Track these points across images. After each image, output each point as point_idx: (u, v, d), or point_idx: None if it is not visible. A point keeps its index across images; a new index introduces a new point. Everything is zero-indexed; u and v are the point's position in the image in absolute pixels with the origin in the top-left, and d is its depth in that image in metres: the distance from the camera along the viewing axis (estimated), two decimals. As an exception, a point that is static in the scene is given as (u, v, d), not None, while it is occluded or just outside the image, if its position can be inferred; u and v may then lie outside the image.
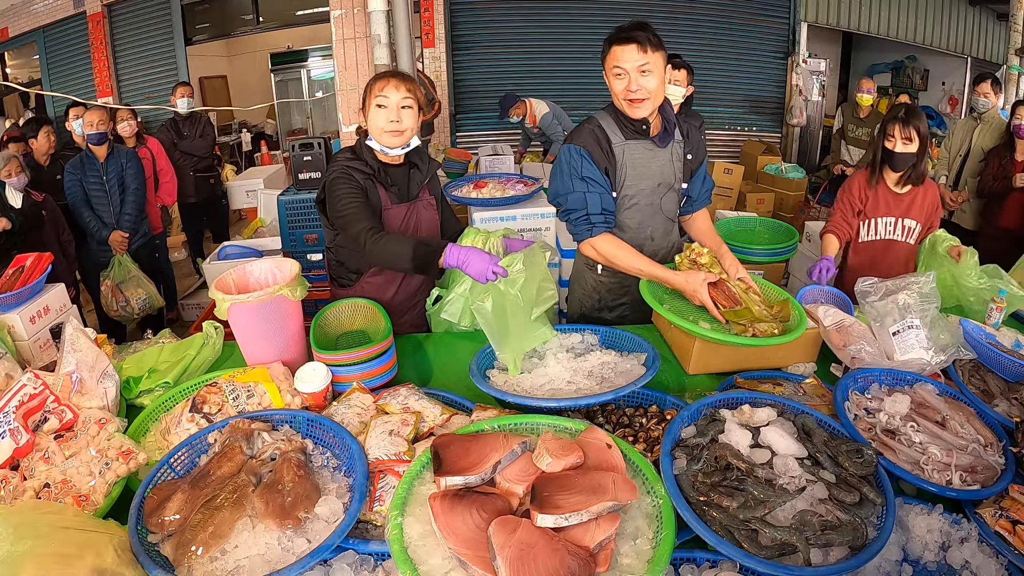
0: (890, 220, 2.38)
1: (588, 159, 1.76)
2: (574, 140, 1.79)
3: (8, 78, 7.49)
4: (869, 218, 2.40)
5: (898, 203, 2.36)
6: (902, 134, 2.22)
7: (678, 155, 1.86)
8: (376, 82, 1.70)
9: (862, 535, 0.99)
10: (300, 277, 1.58)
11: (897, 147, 2.24)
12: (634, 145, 1.79)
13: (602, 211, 1.78)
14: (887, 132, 2.26)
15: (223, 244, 3.83)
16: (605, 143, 1.77)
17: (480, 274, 1.47)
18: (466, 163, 4.65)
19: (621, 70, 1.67)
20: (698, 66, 6.24)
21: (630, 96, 1.69)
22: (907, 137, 2.22)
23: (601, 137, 1.78)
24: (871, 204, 2.40)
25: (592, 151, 1.76)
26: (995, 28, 6.83)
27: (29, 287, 1.75)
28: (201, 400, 1.35)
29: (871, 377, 1.44)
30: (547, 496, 0.98)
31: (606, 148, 1.77)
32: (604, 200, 1.78)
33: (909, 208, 2.36)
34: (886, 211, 2.38)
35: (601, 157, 1.77)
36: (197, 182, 4.85)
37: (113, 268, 3.52)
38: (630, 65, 1.66)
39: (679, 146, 1.86)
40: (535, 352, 1.57)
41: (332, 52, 3.41)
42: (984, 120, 3.80)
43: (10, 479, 1.15)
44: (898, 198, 2.36)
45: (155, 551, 1.02)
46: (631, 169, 1.80)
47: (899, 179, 2.34)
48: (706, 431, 1.17)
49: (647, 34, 1.65)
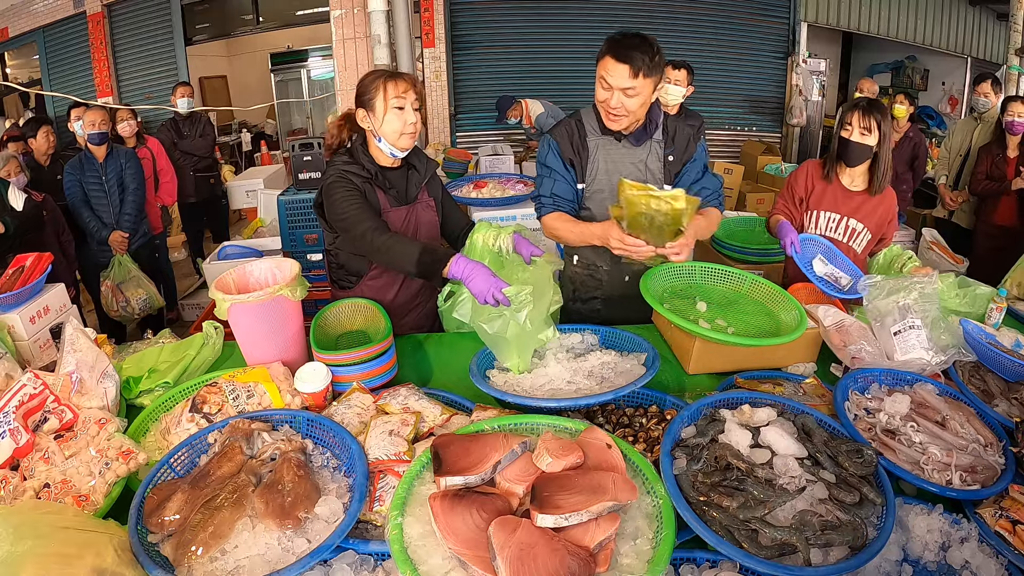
0: (834, 217, 2.17)
1: (554, 150, 1.87)
2: (552, 130, 1.91)
3: (8, 78, 7.49)
4: (811, 210, 2.21)
5: (847, 200, 2.16)
6: (861, 123, 2.06)
7: (657, 155, 1.87)
8: (389, 84, 1.67)
9: (862, 535, 0.99)
10: (300, 277, 1.58)
11: (854, 136, 2.07)
12: (608, 140, 1.85)
13: (551, 195, 1.88)
14: (845, 120, 2.10)
15: (223, 244, 3.83)
16: (579, 136, 1.85)
17: (480, 294, 1.45)
18: (466, 163, 4.65)
19: (608, 84, 1.68)
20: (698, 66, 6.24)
21: (609, 110, 1.74)
22: (866, 127, 2.05)
23: (576, 130, 1.86)
24: (816, 195, 2.20)
25: (560, 143, 1.87)
26: (995, 28, 6.82)
27: (29, 287, 1.75)
28: (201, 400, 1.35)
29: (871, 377, 1.44)
30: (547, 496, 0.98)
31: (577, 139, 1.85)
32: (556, 186, 1.88)
33: (858, 209, 2.15)
34: (831, 206, 2.17)
35: (568, 149, 1.86)
36: (197, 182, 4.85)
37: (113, 268, 3.53)
38: (617, 83, 1.66)
39: (659, 146, 1.86)
40: (535, 352, 1.57)
41: (332, 52, 3.42)
42: (984, 120, 3.81)
43: (10, 479, 1.15)
44: (848, 195, 2.16)
45: (155, 551, 1.02)
46: (603, 163, 1.86)
47: (855, 177, 2.16)
48: (706, 431, 1.17)
49: (645, 58, 1.63)
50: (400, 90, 1.66)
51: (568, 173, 1.88)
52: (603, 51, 1.70)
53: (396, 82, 1.67)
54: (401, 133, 1.68)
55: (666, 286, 1.77)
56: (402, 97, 1.66)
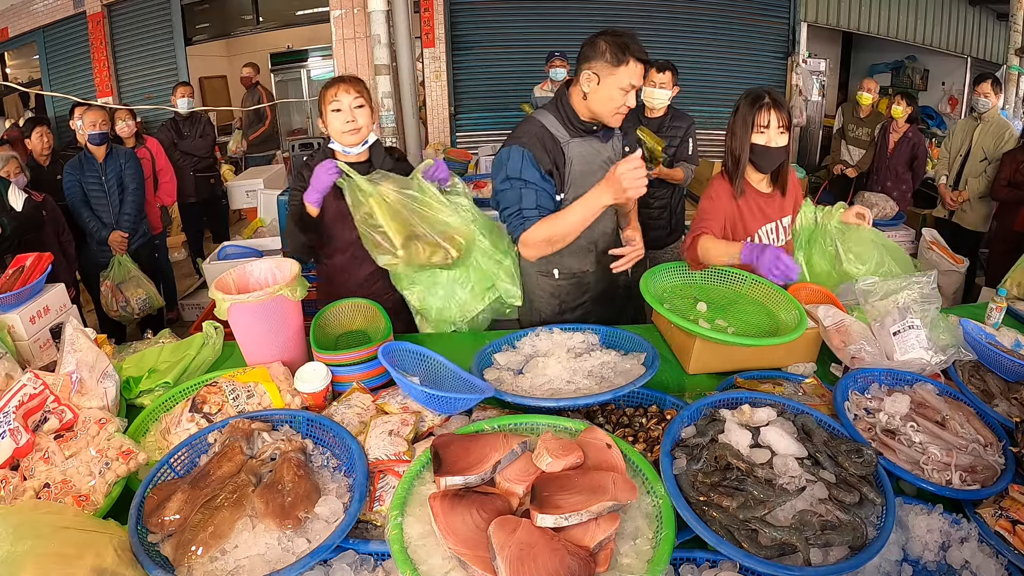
0: (770, 227, 1.91)
1: (531, 161, 1.72)
2: (517, 141, 1.75)
3: (8, 78, 7.48)
4: (751, 234, 1.88)
5: (770, 204, 1.89)
6: (779, 121, 1.74)
7: (618, 148, 1.89)
8: (327, 89, 1.83)
9: (862, 535, 0.99)
10: (300, 277, 1.58)
11: (773, 140, 1.74)
12: (579, 142, 1.79)
13: (536, 207, 1.72)
14: (756, 124, 1.74)
15: (223, 244, 3.83)
16: (551, 142, 1.76)
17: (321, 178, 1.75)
18: (466, 163, 4.65)
19: (631, 86, 1.67)
20: (698, 66, 6.22)
21: (624, 111, 1.73)
22: (783, 125, 1.75)
23: (546, 137, 1.76)
24: (746, 214, 1.86)
25: (536, 153, 1.73)
26: (995, 28, 6.82)
27: (29, 287, 1.75)
28: (201, 400, 1.35)
29: (871, 377, 1.44)
30: (547, 496, 0.98)
31: (552, 147, 1.75)
32: (540, 198, 1.73)
33: (782, 207, 1.92)
34: (763, 218, 1.89)
35: (545, 158, 1.74)
36: (197, 182, 4.85)
37: (113, 268, 3.52)
38: (638, 83, 1.68)
39: (619, 140, 1.90)
40: (535, 351, 1.58)
41: (332, 52, 3.41)
42: (984, 120, 3.81)
43: (10, 479, 1.15)
44: (768, 199, 1.88)
45: (155, 551, 1.02)
46: (578, 165, 1.79)
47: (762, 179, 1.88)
48: (706, 431, 1.17)
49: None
50: (333, 93, 1.81)
51: (547, 183, 1.76)
52: (621, 55, 1.63)
53: (334, 87, 1.82)
54: (341, 132, 1.83)
55: (666, 286, 1.77)
56: (336, 100, 1.81)
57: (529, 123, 1.79)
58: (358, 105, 1.83)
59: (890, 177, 4.36)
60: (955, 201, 3.89)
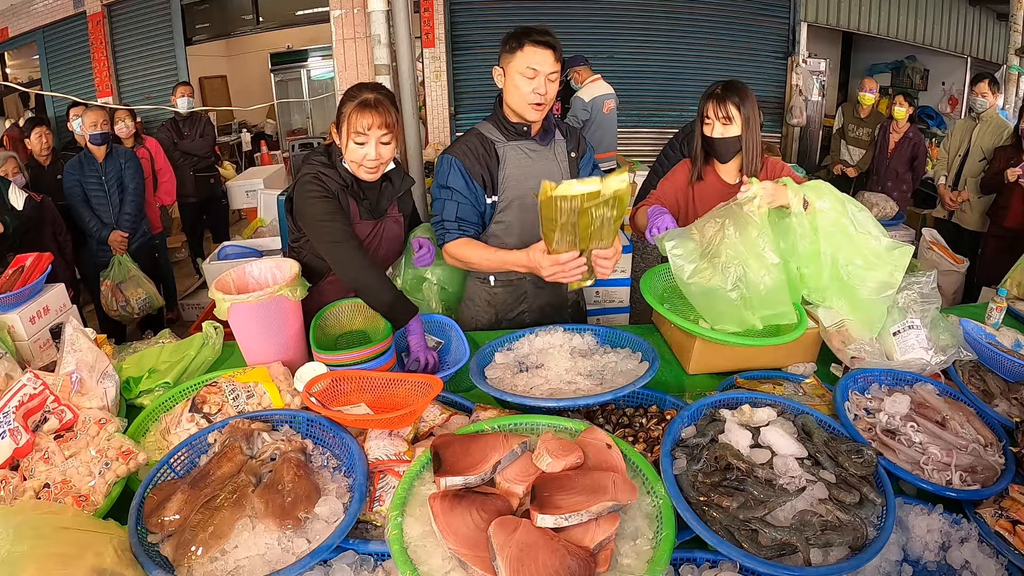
0: None
1: (458, 168, 1.74)
2: (449, 150, 1.80)
3: (8, 78, 7.48)
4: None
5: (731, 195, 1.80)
6: (718, 113, 1.83)
7: (562, 153, 1.87)
8: (356, 115, 1.58)
9: (862, 535, 0.99)
10: (300, 277, 1.58)
11: (716, 131, 1.85)
12: (515, 145, 1.79)
13: (456, 219, 1.76)
14: (703, 115, 1.88)
15: (223, 244, 3.83)
16: (484, 147, 1.76)
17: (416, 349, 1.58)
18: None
19: (534, 72, 1.66)
20: (698, 66, 6.21)
21: (536, 100, 1.69)
22: (726, 116, 1.83)
23: (479, 143, 1.77)
24: (698, 201, 1.95)
25: (464, 160, 1.75)
26: (995, 28, 6.83)
27: (29, 287, 1.75)
28: (201, 400, 1.35)
29: (871, 377, 1.44)
30: (547, 496, 0.98)
31: (482, 152, 1.76)
32: (461, 210, 1.76)
33: None
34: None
35: (475, 164, 1.75)
36: (197, 182, 4.85)
37: (113, 268, 3.53)
38: (544, 68, 1.66)
39: (561, 145, 1.87)
40: (535, 351, 1.58)
41: (332, 52, 3.41)
42: (983, 120, 3.81)
43: (10, 479, 1.15)
44: (732, 189, 1.85)
45: (155, 551, 1.02)
46: (514, 168, 1.78)
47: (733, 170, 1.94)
48: (706, 431, 1.17)
49: (557, 43, 1.68)
50: (363, 126, 1.58)
51: (472, 194, 1.76)
52: (515, 42, 1.67)
53: (363, 114, 1.58)
54: (359, 165, 1.64)
55: (666, 286, 1.77)
56: (364, 134, 1.59)
57: (468, 132, 1.82)
58: (386, 141, 1.62)
59: (890, 177, 4.37)
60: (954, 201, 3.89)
